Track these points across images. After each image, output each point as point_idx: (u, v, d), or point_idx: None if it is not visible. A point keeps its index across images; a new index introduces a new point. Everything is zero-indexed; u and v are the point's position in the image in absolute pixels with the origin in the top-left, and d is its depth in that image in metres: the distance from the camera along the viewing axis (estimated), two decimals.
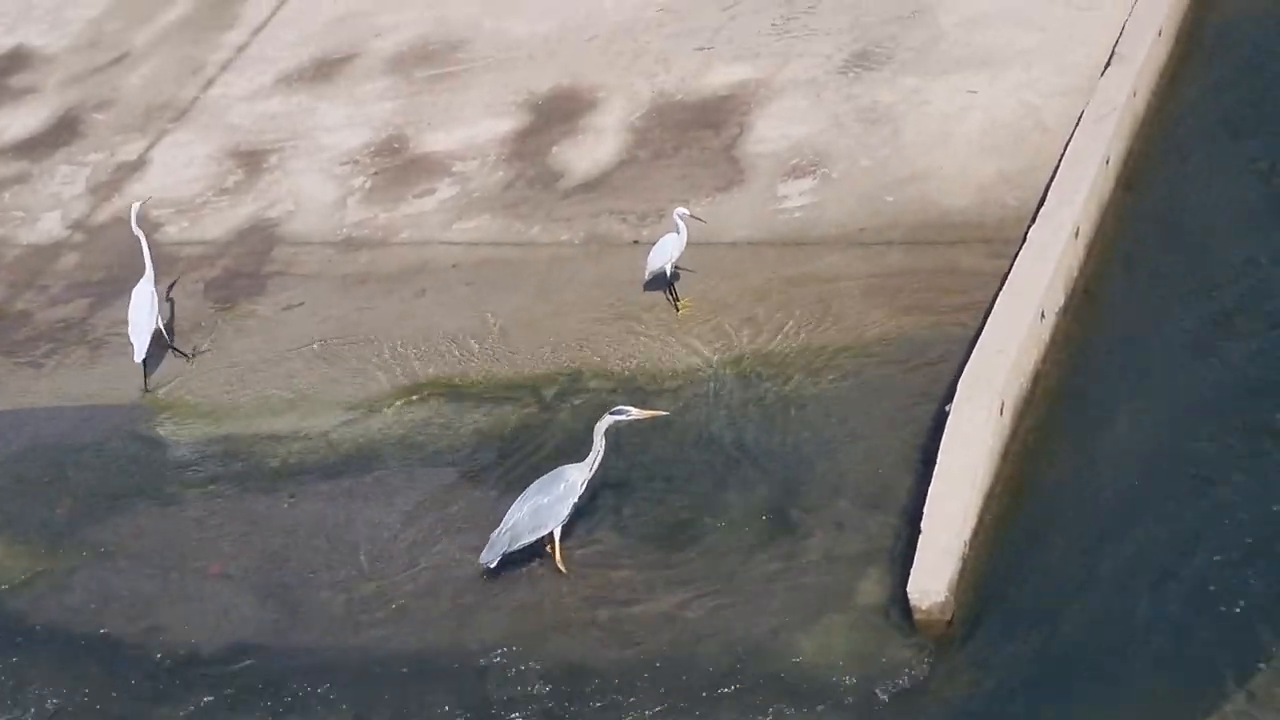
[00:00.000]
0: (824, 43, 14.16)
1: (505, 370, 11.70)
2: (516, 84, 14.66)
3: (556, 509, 9.94)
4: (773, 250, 12.18)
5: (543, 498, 9.95)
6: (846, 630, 9.45)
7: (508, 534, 9.98)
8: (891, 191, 12.42)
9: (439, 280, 12.71)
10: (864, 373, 10.97)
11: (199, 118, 15.26)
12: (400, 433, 11.45)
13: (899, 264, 11.78)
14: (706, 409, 11.02)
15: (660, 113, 13.89)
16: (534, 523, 9.95)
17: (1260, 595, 9.10)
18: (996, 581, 9.54)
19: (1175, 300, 11.18)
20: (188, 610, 10.51)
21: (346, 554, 10.64)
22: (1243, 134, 12.51)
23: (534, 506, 9.95)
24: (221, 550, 10.85)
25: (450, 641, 9.92)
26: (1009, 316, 10.76)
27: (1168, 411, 10.36)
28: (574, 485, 9.95)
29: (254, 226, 13.74)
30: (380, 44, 15.68)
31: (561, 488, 9.95)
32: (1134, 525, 9.67)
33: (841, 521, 10.01)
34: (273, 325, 12.65)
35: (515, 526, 9.97)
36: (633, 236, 12.64)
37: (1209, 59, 13.41)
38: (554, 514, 9.94)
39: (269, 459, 11.49)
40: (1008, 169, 12.32)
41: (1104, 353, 10.95)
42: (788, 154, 13.03)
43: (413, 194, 13.67)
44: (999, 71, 13.31)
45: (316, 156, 14.36)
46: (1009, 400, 10.31)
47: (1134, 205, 12.09)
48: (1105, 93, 12.54)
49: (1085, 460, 10.19)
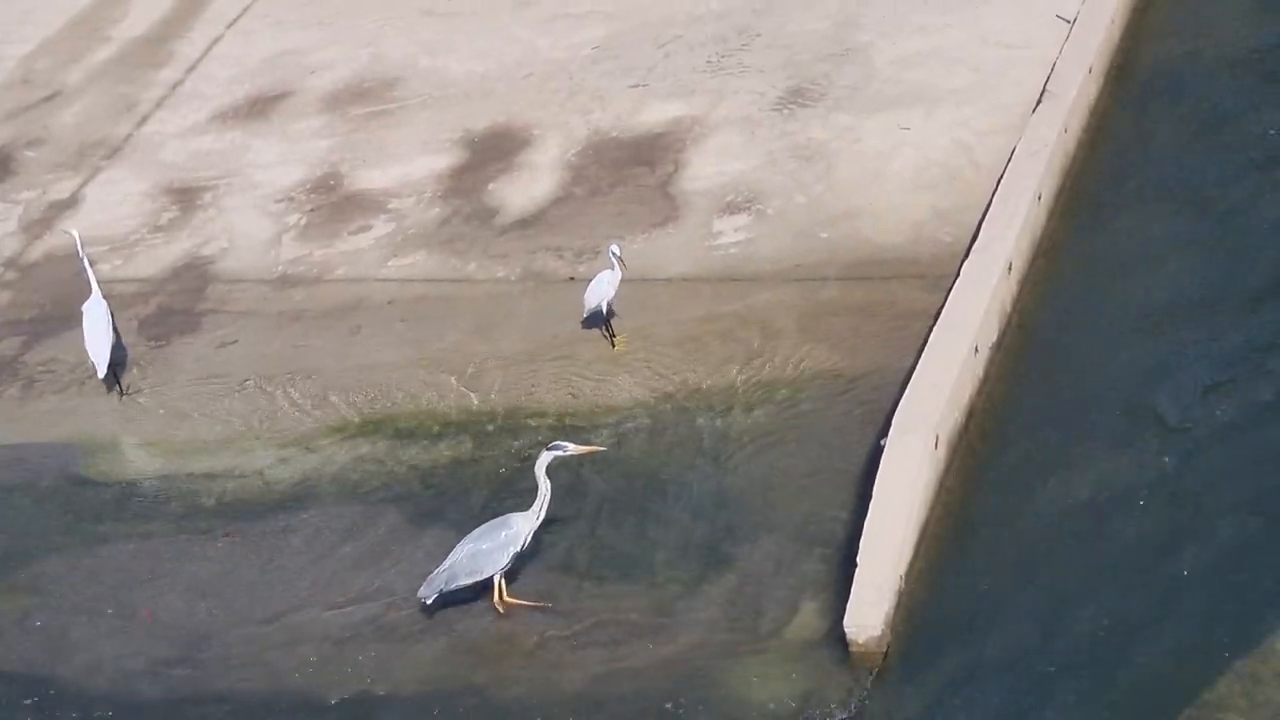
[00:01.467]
0: (758, 80, 14.24)
1: (441, 407, 11.68)
2: (452, 121, 14.67)
3: (495, 556, 9.89)
4: (708, 286, 12.22)
5: (483, 543, 9.90)
6: (783, 665, 9.46)
7: (445, 574, 9.96)
8: (826, 228, 12.49)
9: (374, 317, 12.68)
10: (799, 408, 11.01)
11: (132, 155, 15.20)
12: (335, 470, 11.41)
13: (834, 300, 11.84)
14: (642, 445, 11.03)
15: (596, 150, 13.93)
16: (472, 566, 9.91)
17: (1185, 625, 9.20)
18: (932, 615, 9.58)
19: (1107, 334, 11.29)
20: (120, 653, 10.41)
21: (281, 593, 10.57)
22: (1173, 169, 12.66)
23: (473, 551, 9.91)
24: (155, 592, 10.76)
25: (383, 680, 9.86)
26: (943, 351, 10.82)
27: (1100, 444, 10.44)
28: (517, 535, 9.89)
29: (188, 264, 13.68)
30: (315, 81, 15.67)
31: (503, 535, 9.89)
32: (1067, 558, 9.74)
33: (777, 556, 10.03)
34: (207, 363, 12.58)
35: (453, 568, 9.94)
36: (569, 273, 12.66)
37: (1139, 96, 13.56)
38: (492, 561, 9.89)
39: (203, 498, 11.42)
40: (941, 205, 12.41)
41: (1037, 387, 11.03)
42: (723, 191, 13.09)
43: (348, 231, 13.65)
44: (932, 109, 13.42)
45: (251, 194, 14.32)
46: (943, 434, 10.36)
47: (1066, 241, 12.20)
48: (1037, 130, 12.67)
49: (1019, 493, 10.25)
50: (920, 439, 10.16)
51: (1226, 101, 13.20)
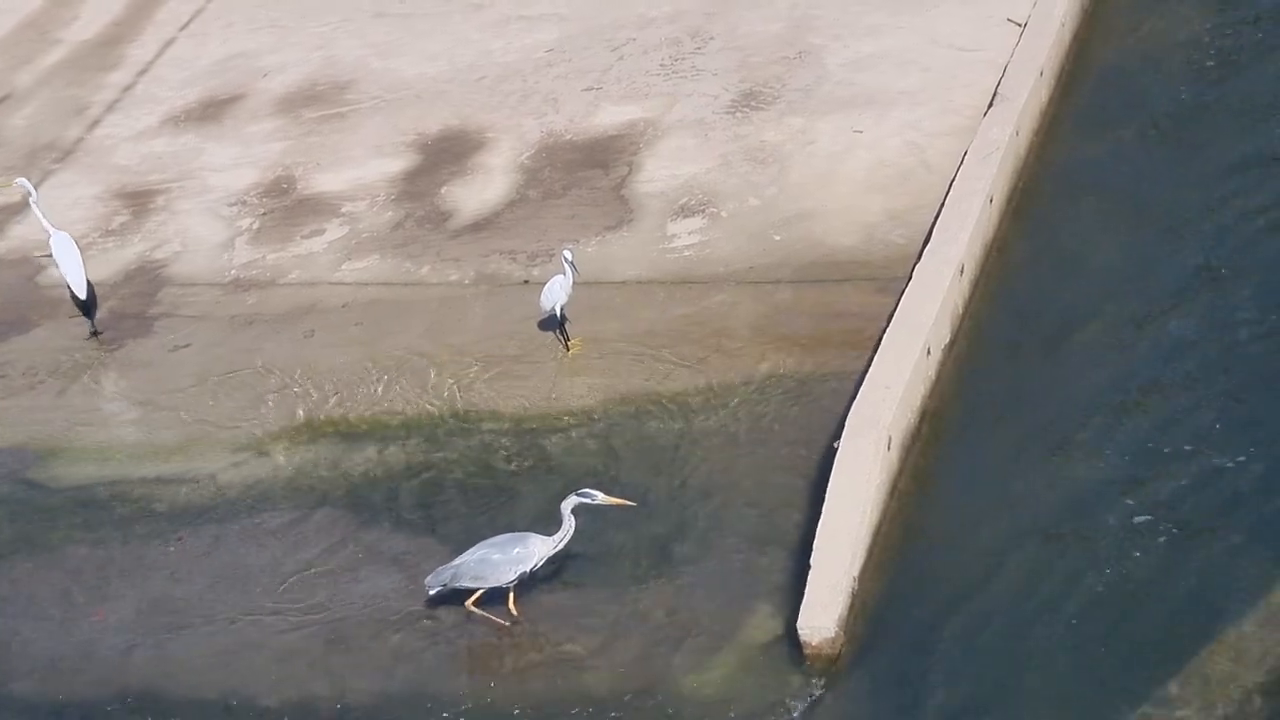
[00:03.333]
0: (711, 83, 14.27)
1: (395, 410, 11.66)
2: (405, 124, 14.66)
3: (502, 570, 9.84)
4: (662, 289, 12.24)
5: (495, 553, 9.86)
6: (737, 666, 9.48)
7: (451, 571, 9.94)
8: (779, 230, 12.52)
9: (328, 320, 12.65)
10: (753, 409, 11.03)
11: (84, 159, 15.13)
12: (289, 474, 11.38)
13: (787, 301, 11.87)
14: (597, 448, 11.03)
15: (550, 153, 13.93)
16: (477, 572, 9.87)
17: (1139, 625, 9.27)
18: (885, 615, 9.61)
19: (1058, 334, 11.34)
20: (73, 655, 10.36)
21: (234, 597, 10.54)
22: (1124, 170, 12.75)
23: (484, 558, 9.87)
24: (107, 595, 10.71)
25: (333, 684, 9.85)
26: (896, 353, 10.86)
27: (1051, 443, 10.50)
28: (529, 555, 9.84)
29: (141, 267, 13.63)
30: (268, 85, 15.62)
31: (516, 551, 9.84)
32: (1020, 557, 9.78)
33: (732, 558, 10.05)
34: (160, 367, 12.54)
35: (460, 568, 9.92)
36: (523, 276, 12.66)
37: (1090, 99, 13.64)
38: (498, 573, 9.84)
39: (156, 502, 11.38)
40: (894, 207, 12.46)
41: (989, 388, 11.08)
42: (677, 193, 13.11)
43: (301, 234, 13.62)
44: (884, 112, 13.46)
45: (204, 197, 14.27)
46: (896, 435, 10.40)
47: (1018, 242, 12.26)
48: (988, 132, 12.73)
49: (971, 493, 10.30)
50: (873, 440, 10.19)
51: (1176, 103, 13.30)
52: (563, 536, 9.87)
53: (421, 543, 10.63)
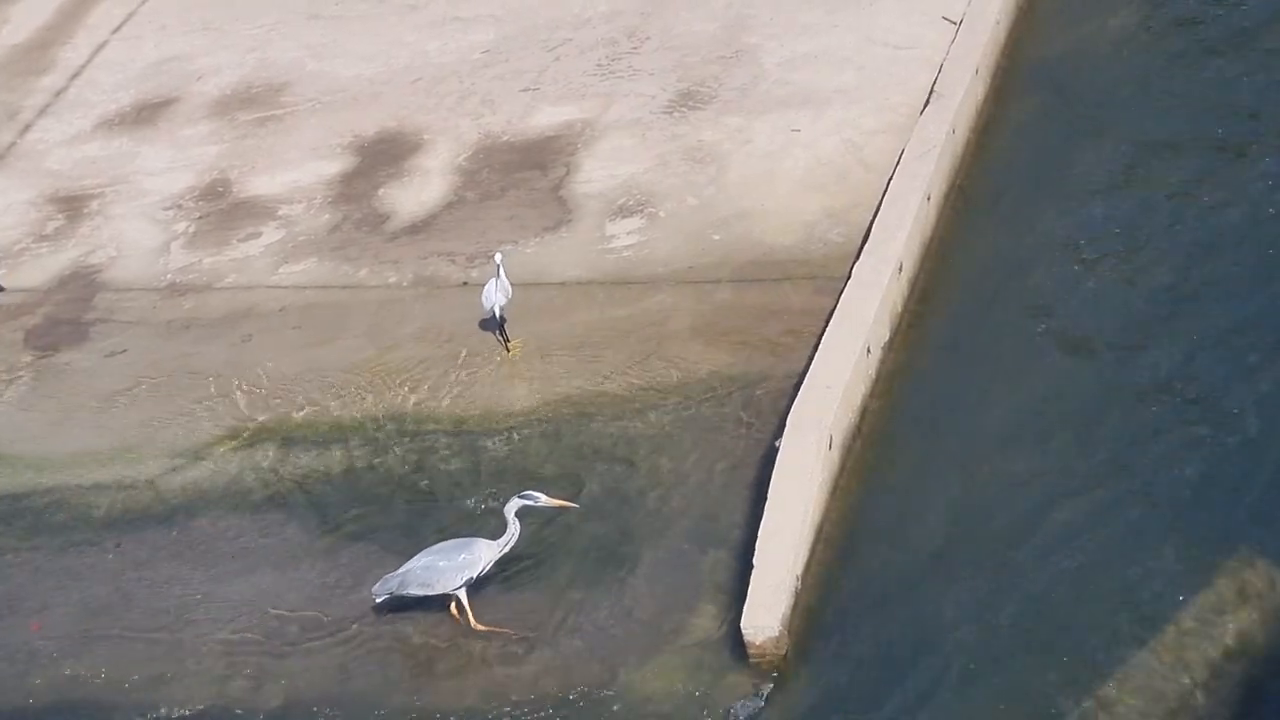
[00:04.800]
0: (648, 83, 14.26)
1: (334, 414, 11.60)
2: (341, 126, 14.59)
3: (448, 576, 9.78)
4: (602, 289, 12.22)
5: (440, 560, 9.81)
6: (681, 667, 9.47)
7: (398, 579, 9.88)
8: (718, 230, 12.52)
9: (266, 324, 12.58)
10: (694, 409, 11.03)
11: (16, 163, 15.00)
12: (227, 479, 11.32)
13: (727, 301, 11.87)
14: (539, 450, 11.01)
15: (487, 154, 13.89)
16: (423, 579, 9.82)
17: (1081, 623, 9.31)
18: (829, 614, 9.63)
19: (996, 332, 11.39)
20: (7, 669, 10.26)
21: (172, 604, 10.47)
22: (1061, 167, 12.79)
23: (429, 564, 9.81)
24: (42, 605, 10.62)
25: (271, 691, 9.81)
26: (836, 352, 10.89)
27: (990, 442, 10.54)
28: (476, 560, 9.78)
29: (75, 273, 13.52)
30: (202, 87, 15.52)
31: (461, 558, 9.79)
32: (960, 556, 9.82)
33: (674, 559, 10.04)
34: (95, 373, 12.44)
35: (406, 575, 9.86)
36: (462, 278, 12.62)
37: (1026, 96, 13.70)
38: (444, 579, 9.78)
39: (93, 509, 11.30)
40: (832, 206, 12.48)
41: (929, 386, 11.11)
42: (615, 194, 13.10)
43: (238, 238, 13.54)
44: (820, 110, 13.48)
45: (139, 201, 14.17)
46: (837, 434, 10.42)
47: (956, 240, 12.30)
48: (925, 130, 12.76)
49: (913, 492, 10.32)
50: (814, 439, 10.21)
51: (1113, 99, 13.36)
52: (508, 540, 9.85)
53: (361, 546, 10.59)
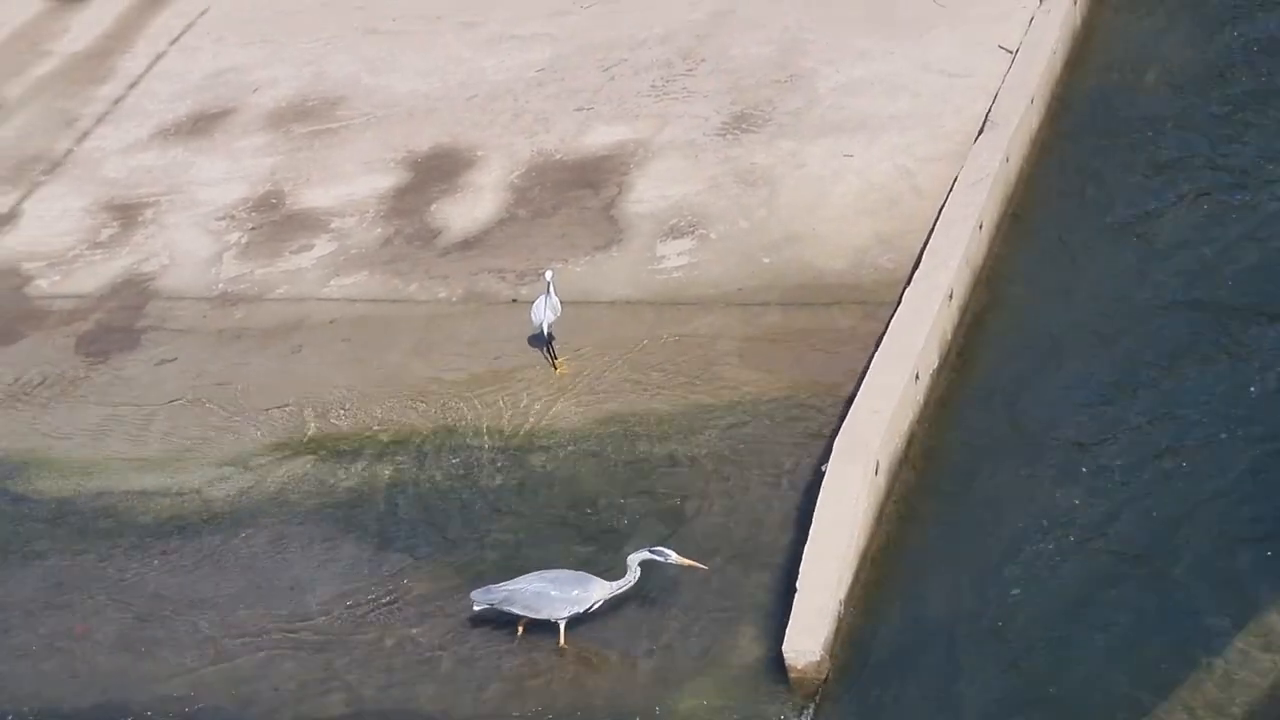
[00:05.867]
0: (703, 105, 14.28)
1: (381, 427, 11.64)
2: (396, 141, 14.65)
3: (556, 606, 9.76)
4: (651, 310, 12.23)
5: (552, 589, 9.78)
6: (722, 689, 9.46)
7: (503, 594, 9.86)
8: (769, 253, 12.52)
9: (315, 336, 12.64)
10: (741, 432, 11.02)
11: (73, 170, 15.11)
12: (274, 490, 11.36)
13: (776, 324, 11.87)
14: (584, 468, 11.01)
15: (540, 172, 13.93)
16: (530, 603, 9.80)
17: (1124, 653, 9.28)
18: (872, 641, 9.60)
19: (1047, 362, 11.35)
20: (52, 670, 10.32)
21: (216, 613, 10.51)
22: (1113, 198, 12.76)
23: (540, 591, 9.78)
24: (88, 609, 10.68)
25: (305, 704, 9.83)
26: (884, 378, 10.86)
27: (1039, 471, 10.50)
28: (586, 598, 9.76)
29: (128, 280, 13.60)
30: (258, 99, 15.61)
31: (575, 593, 9.76)
32: (1006, 583, 9.78)
33: (717, 581, 10.02)
34: (145, 380, 12.51)
35: (513, 594, 9.84)
36: (511, 295, 12.65)
37: (1081, 126, 13.66)
38: (551, 608, 9.76)
39: (140, 515, 11.34)
40: (883, 231, 12.47)
41: (977, 414, 11.08)
42: (666, 214, 13.11)
43: (290, 250, 13.60)
44: (874, 136, 13.48)
45: (192, 211, 14.25)
46: (884, 460, 10.40)
47: (1007, 269, 12.27)
48: (978, 158, 12.74)
49: (958, 519, 10.30)
50: (860, 465, 10.19)
51: (1167, 131, 13.32)
52: (622, 585, 9.81)
53: (408, 559, 10.61)
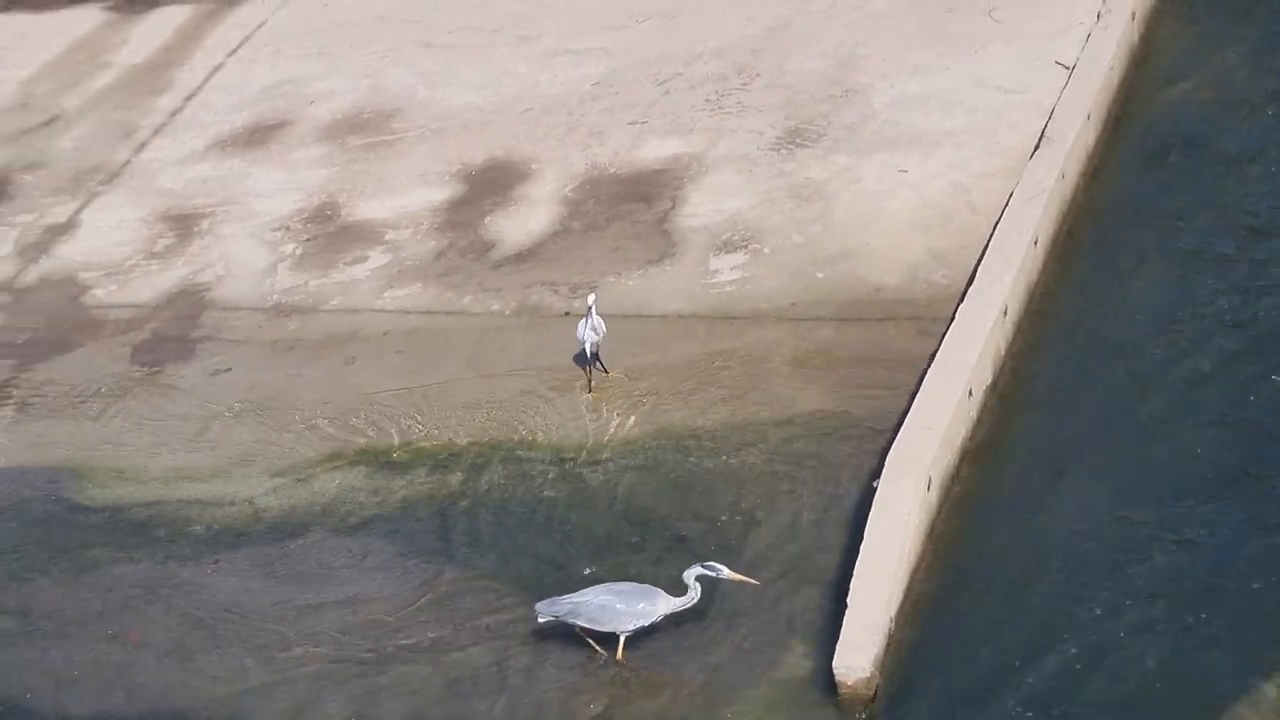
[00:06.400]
0: (757, 119, 14.27)
1: (434, 439, 11.66)
2: (450, 154, 14.69)
3: (622, 619, 9.76)
4: (703, 323, 12.23)
5: (618, 602, 9.78)
6: (771, 704, 9.43)
7: (569, 606, 9.86)
8: (822, 268, 12.50)
9: (369, 348, 12.68)
10: (792, 447, 10.99)
11: (130, 181, 15.21)
12: (327, 501, 11.39)
13: (829, 339, 11.84)
14: (634, 481, 11.01)
15: (593, 185, 13.95)
16: (595, 615, 9.81)
17: (1175, 677, 9.22)
18: (922, 657, 9.56)
19: (1101, 379, 11.29)
20: (105, 678, 10.37)
21: (268, 623, 10.54)
22: (1170, 215, 12.69)
23: (605, 604, 9.79)
24: (142, 617, 10.72)
25: (356, 716, 9.83)
26: (937, 393, 10.82)
27: (1093, 489, 10.44)
28: (652, 611, 9.75)
29: (183, 290, 13.68)
30: (315, 111, 15.69)
31: (640, 606, 9.76)
32: (1059, 603, 9.72)
33: (767, 596, 10.00)
34: (200, 390, 12.57)
35: (578, 606, 9.84)
36: (564, 308, 12.66)
37: (1138, 143, 13.59)
38: (617, 621, 9.77)
39: (192, 524, 11.40)
40: (937, 247, 12.43)
41: (1031, 431, 11.02)
42: (720, 228, 13.11)
43: (344, 261, 13.66)
44: (929, 151, 13.45)
45: (248, 222, 14.32)
46: (936, 477, 10.36)
47: (1062, 286, 12.21)
48: (1034, 175, 12.69)
49: (1011, 537, 10.24)
50: (913, 481, 10.15)
51: (1225, 149, 13.24)
52: (686, 602, 9.79)
53: (458, 571, 10.62)
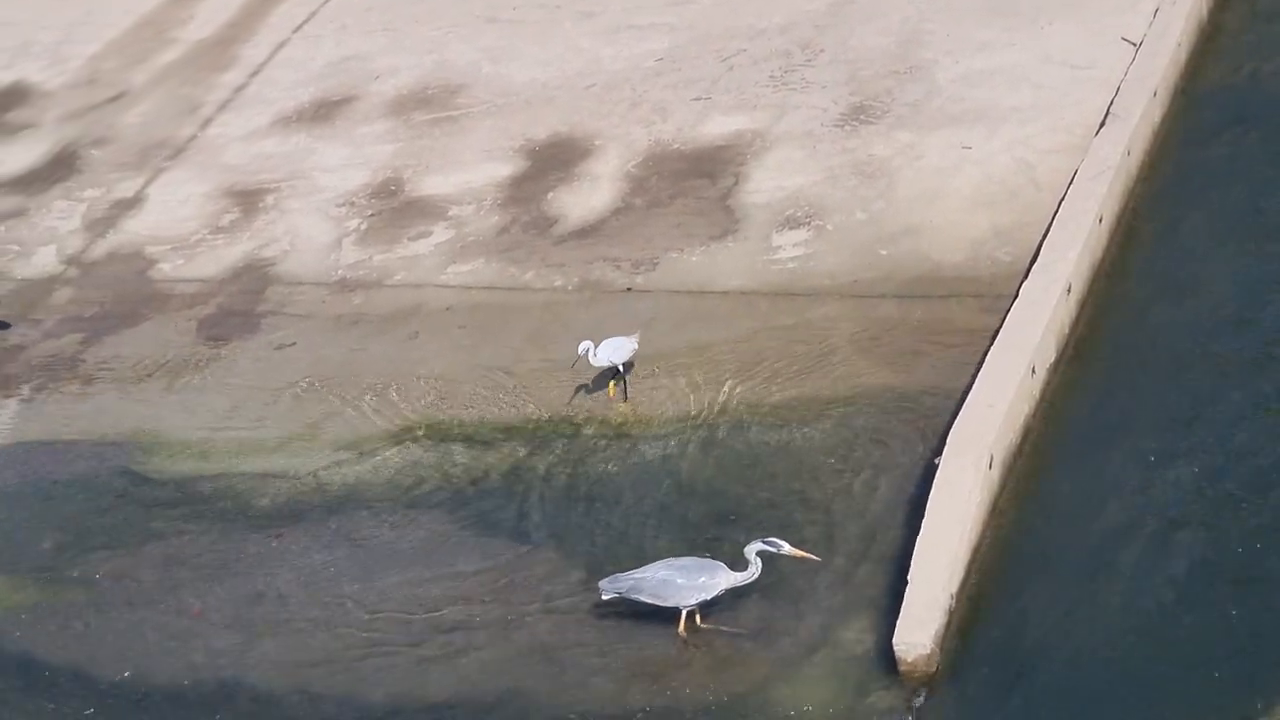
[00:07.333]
0: (821, 96, 14.23)
1: (496, 414, 11.70)
2: (514, 130, 14.72)
3: (684, 594, 9.78)
4: (766, 300, 12.21)
5: (679, 576, 9.81)
6: (830, 680, 9.43)
7: (631, 582, 9.91)
8: (885, 244, 12.46)
9: (432, 323, 12.72)
10: (853, 424, 10.97)
11: (196, 157, 15.31)
12: (389, 474, 11.44)
13: (891, 316, 11.81)
14: (695, 457, 11.02)
15: (657, 161, 13.94)
16: (657, 591, 9.84)
17: (1245, 652, 9.12)
18: (982, 635, 9.53)
19: (1166, 358, 11.21)
20: (169, 649, 10.46)
21: (331, 596, 10.61)
22: (1236, 193, 12.57)
23: (666, 579, 9.82)
24: (205, 590, 10.81)
25: (418, 689, 9.88)
26: (1000, 371, 10.78)
27: (1155, 467, 10.37)
28: (714, 585, 9.78)
29: (249, 265, 13.76)
30: (379, 87, 15.74)
31: (701, 579, 9.79)
32: (1120, 580, 9.67)
33: (829, 572, 9.99)
34: (265, 364, 12.65)
35: (640, 582, 9.89)
36: (626, 283, 12.67)
37: (1205, 120, 13.48)
38: (678, 596, 9.80)
39: (256, 498, 11.47)
40: (1001, 224, 12.37)
41: (1094, 409, 10.97)
42: (783, 205, 13.08)
43: (408, 236, 13.70)
44: (994, 128, 13.38)
45: (313, 197, 14.39)
46: (998, 454, 10.32)
47: (1127, 263, 12.13)
48: (1100, 151, 12.61)
49: (1073, 515, 10.19)
50: (974, 459, 10.12)
51: None
52: (747, 578, 9.80)
53: (520, 546, 10.66)
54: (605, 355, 11.38)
